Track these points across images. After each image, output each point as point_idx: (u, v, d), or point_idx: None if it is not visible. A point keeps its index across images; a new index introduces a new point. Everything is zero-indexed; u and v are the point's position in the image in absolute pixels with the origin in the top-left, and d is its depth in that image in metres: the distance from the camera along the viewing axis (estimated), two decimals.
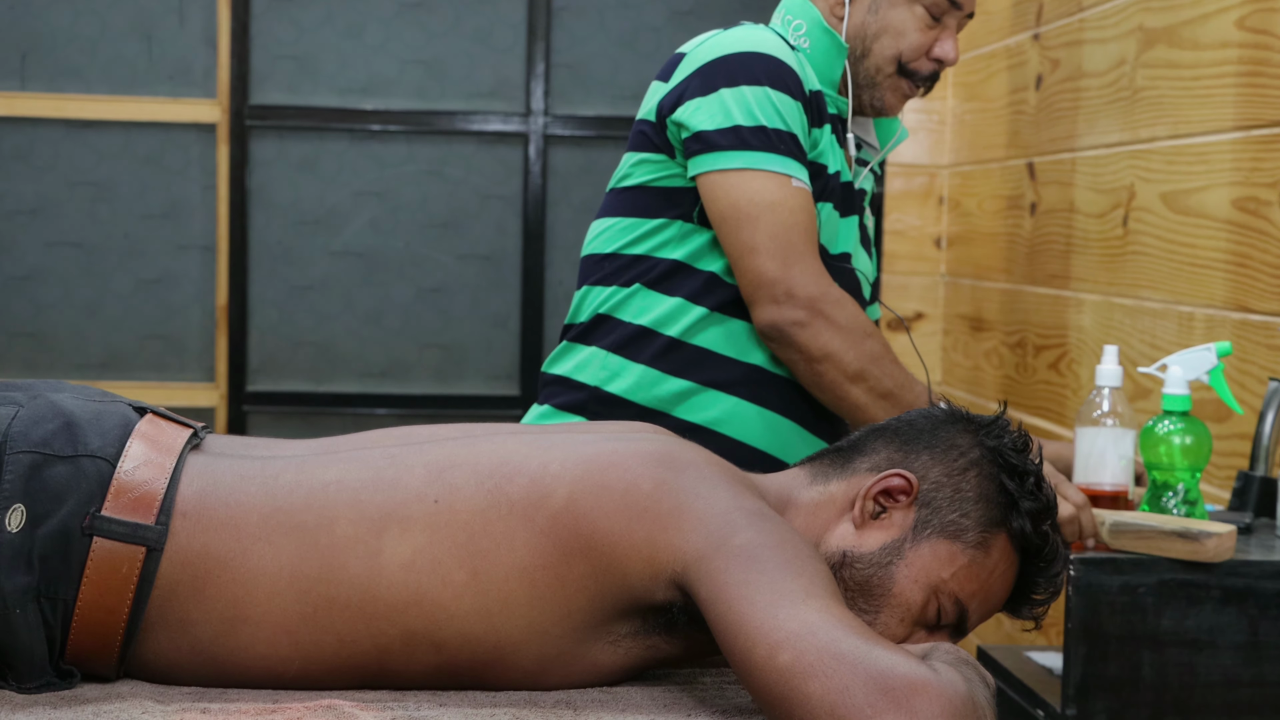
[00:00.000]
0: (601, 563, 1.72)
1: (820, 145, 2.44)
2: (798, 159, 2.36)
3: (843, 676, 1.51)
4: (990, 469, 1.83)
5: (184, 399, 4.99)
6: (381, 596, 1.72)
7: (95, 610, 1.70)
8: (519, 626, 1.73)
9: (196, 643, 1.73)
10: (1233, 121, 2.76)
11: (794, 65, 2.41)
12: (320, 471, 1.80)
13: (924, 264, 4.36)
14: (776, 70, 2.38)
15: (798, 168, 2.36)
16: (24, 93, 4.99)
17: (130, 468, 1.74)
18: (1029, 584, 1.86)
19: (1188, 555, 2.10)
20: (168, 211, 5.04)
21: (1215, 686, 2.11)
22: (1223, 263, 2.77)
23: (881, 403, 2.34)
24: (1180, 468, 2.23)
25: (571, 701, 1.72)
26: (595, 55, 5.15)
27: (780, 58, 2.40)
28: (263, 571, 1.73)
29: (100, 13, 5.00)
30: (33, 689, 1.69)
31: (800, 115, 2.38)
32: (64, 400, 1.81)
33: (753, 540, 1.67)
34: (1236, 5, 2.75)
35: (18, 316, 5.02)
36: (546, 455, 1.78)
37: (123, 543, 1.71)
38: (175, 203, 5.03)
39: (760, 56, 2.39)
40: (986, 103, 4.05)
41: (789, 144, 2.35)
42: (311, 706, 1.64)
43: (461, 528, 1.74)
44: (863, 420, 2.33)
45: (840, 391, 2.35)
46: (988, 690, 1.63)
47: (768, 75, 2.37)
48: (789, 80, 2.38)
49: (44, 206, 5.02)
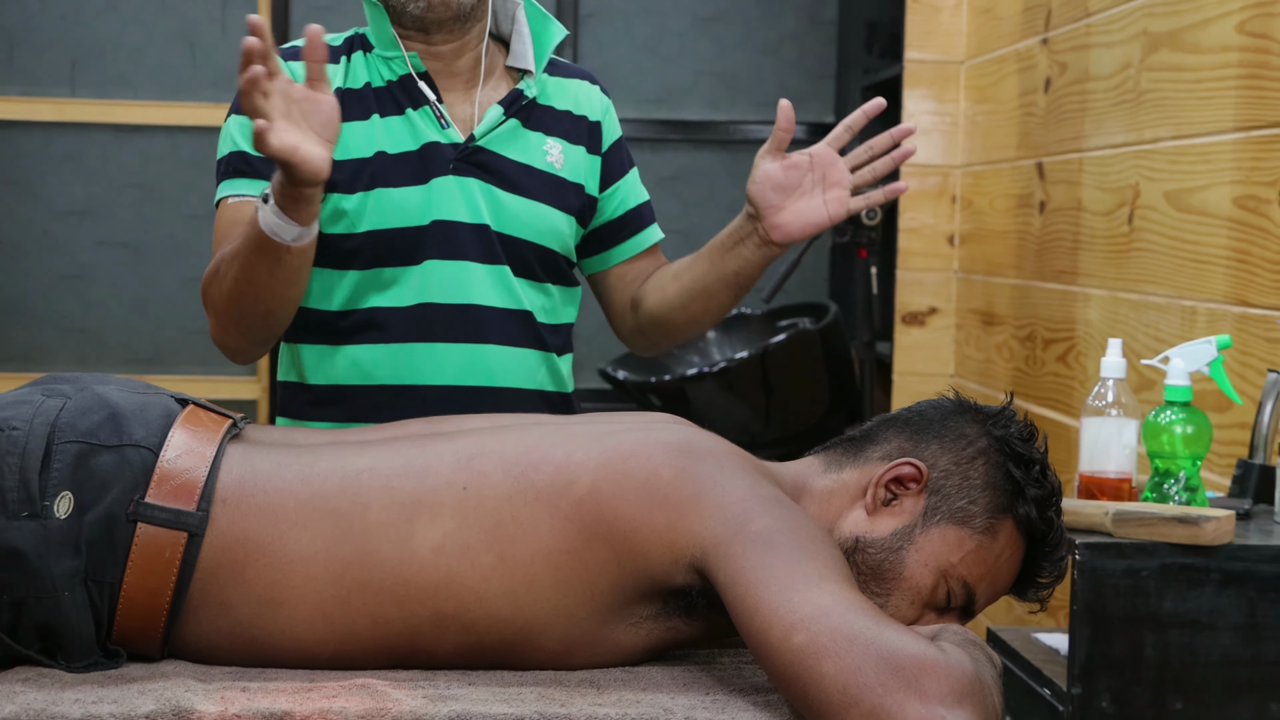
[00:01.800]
0: (623, 547, 1.72)
1: (355, 134, 2.32)
2: (246, 174, 2.30)
3: (855, 656, 1.52)
4: (997, 457, 1.83)
5: (226, 391, 5.00)
6: (413, 579, 1.73)
7: (140, 593, 1.71)
8: (544, 608, 1.73)
9: (236, 624, 1.74)
10: (1233, 122, 2.75)
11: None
12: (354, 459, 1.80)
13: (937, 260, 4.35)
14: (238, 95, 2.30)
15: (241, 183, 2.31)
16: (74, 99, 5.01)
17: (172, 456, 1.75)
18: (1035, 568, 1.86)
19: (1188, 540, 2.09)
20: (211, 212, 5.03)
21: (1215, 666, 2.11)
22: (1224, 259, 2.76)
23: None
24: (1182, 456, 2.22)
25: (595, 681, 1.72)
26: (621, 60, 5.16)
27: None
28: (299, 556, 1.73)
29: (146, 22, 5.02)
30: (81, 668, 1.70)
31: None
32: (109, 392, 1.82)
33: (769, 526, 1.67)
34: (1237, 10, 2.75)
35: (69, 313, 5.05)
36: (571, 444, 1.79)
37: (165, 528, 1.72)
38: None
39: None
40: (997, 105, 4.04)
41: (239, 163, 2.31)
42: (346, 685, 1.65)
43: (489, 513, 1.74)
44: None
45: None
46: (994, 670, 1.64)
47: (233, 105, 2.34)
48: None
49: (93, 208, 5.04)
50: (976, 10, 4.24)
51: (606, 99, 2.50)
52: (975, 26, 4.25)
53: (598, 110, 2.47)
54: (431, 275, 2.31)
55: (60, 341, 5.05)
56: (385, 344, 2.31)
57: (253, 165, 2.29)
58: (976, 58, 4.23)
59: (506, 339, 2.34)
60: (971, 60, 4.27)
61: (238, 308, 2.16)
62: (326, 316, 2.34)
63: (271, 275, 2.09)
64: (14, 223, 5.01)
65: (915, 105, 4.34)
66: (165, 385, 1.99)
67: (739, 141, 5.22)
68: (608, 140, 2.47)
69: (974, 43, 4.26)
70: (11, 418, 1.75)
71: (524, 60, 2.40)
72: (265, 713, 1.58)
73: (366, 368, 2.32)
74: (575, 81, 2.47)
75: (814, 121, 5.20)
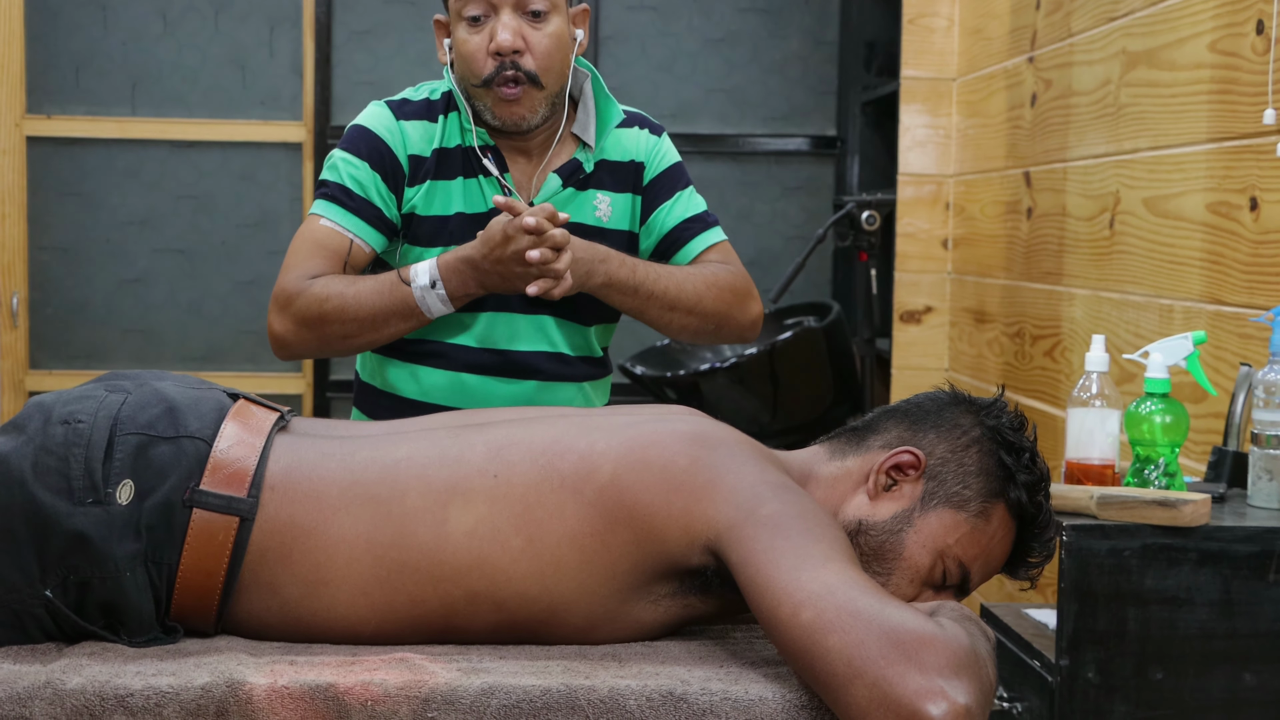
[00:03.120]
0: (643, 531, 1.72)
1: (421, 196, 2.39)
2: (346, 208, 2.36)
3: (858, 631, 1.51)
4: (990, 446, 1.82)
5: (274, 387, 5.01)
6: (447, 561, 1.72)
7: (195, 574, 1.71)
8: (570, 588, 1.72)
9: (284, 604, 1.73)
10: (1206, 134, 2.74)
11: (382, 134, 2.39)
12: (392, 449, 1.80)
13: (932, 263, 4.34)
14: (356, 136, 2.40)
15: (338, 212, 2.36)
16: (134, 117, 5.02)
17: (225, 447, 1.75)
18: (1025, 548, 1.85)
19: (1167, 521, 2.08)
20: (260, 221, 5.06)
21: (1193, 639, 2.10)
22: (1199, 261, 2.75)
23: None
24: (1161, 444, 2.21)
25: (617, 654, 1.71)
26: (638, 78, 5.15)
27: (365, 126, 2.40)
28: (342, 539, 1.73)
29: (200, 46, 5.02)
30: (141, 643, 1.70)
31: (370, 173, 2.37)
32: (166, 388, 1.81)
33: (778, 511, 1.66)
34: (1209, 30, 2.73)
35: (128, 315, 5.05)
36: (593, 435, 1.78)
37: (219, 513, 1.71)
38: (266, 213, 5.05)
39: (352, 126, 2.42)
40: (987, 119, 4.03)
41: (341, 196, 2.37)
42: (386, 659, 1.64)
43: (518, 499, 1.73)
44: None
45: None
46: (988, 643, 1.63)
47: (343, 140, 2.41)
48: (364, 145, 2.39)
49: (152, 218, 5.05)
50: (967, 31, 4.23)
51: (653, 137, 2.52)
52: (966, 46, 4.24)
53: (642, 152, 2.50)
54: (485, 322, 2.40)
55: (121, 341, 5.05)
56: (447, 370, 2.41)
57: (354, 201, 2.37)
58: (968, 75, 4.21)
59: (548, 376, 2.44)
60: (963, 77, 4.26)
61: (340, 338, 2.33)
62: (400, 342, 2.43)
63: (397, 331, 2.34)
64: (79, 232, 5.02)
65: (911, 119, 4.33)
66: (217, 381, 1.99)
67: (747, 153, 5.21)
68: (650, 175, 2.50)
69: (965, 61, 4.24)
70: (77, 411, 1.74)
71: (585, 133, 2.45)
72: (311, 684, 1.57)
73: (427, 386, 2.42)
74: (626, 131, 2.50)
75: (816, 134, 5.19)
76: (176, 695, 1.56)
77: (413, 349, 2.43)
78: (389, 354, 2.45)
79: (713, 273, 2.45)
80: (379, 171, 2.37)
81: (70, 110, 4.99)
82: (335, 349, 2.36)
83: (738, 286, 2.46)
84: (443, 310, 2.31)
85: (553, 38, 2.36)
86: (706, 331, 2.47)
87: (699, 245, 2.49)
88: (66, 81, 4.98)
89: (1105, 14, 3.22)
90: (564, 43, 2.39)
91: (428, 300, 2.29)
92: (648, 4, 5.13)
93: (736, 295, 2.46)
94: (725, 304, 2.44)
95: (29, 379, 4.96)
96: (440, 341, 2.42)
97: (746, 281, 2.49)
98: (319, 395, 5.00)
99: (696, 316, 2.42)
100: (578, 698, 1.57)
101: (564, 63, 2.40)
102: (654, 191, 2.50)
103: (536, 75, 2.36)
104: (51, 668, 1.61)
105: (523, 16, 2.35)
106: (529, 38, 2.35)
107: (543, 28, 2.36)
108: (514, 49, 2.34)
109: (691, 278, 2.42)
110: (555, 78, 2.38)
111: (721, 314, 2.44)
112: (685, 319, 2.42)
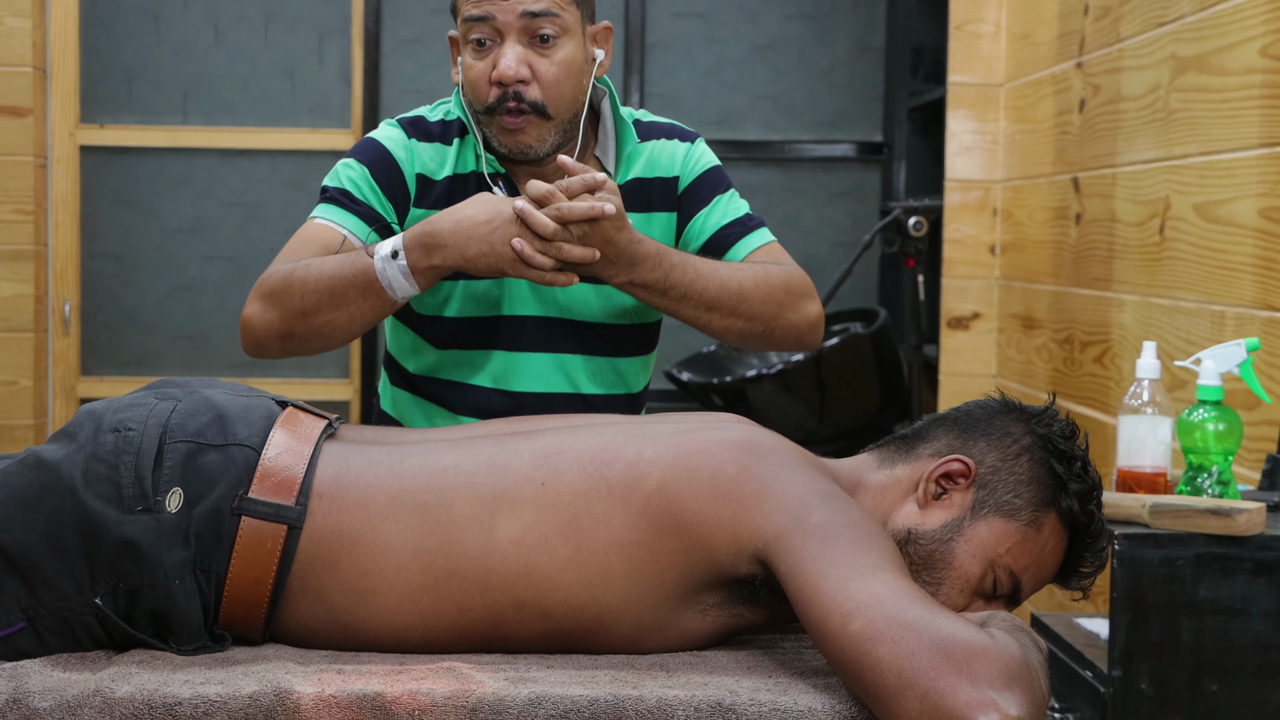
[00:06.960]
0: (691, 539, 1.70)
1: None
2: (343, 207, 2.25)
3: (909, 642, 1.49)
4: (1041, 454, 1.80)
5: (322, 394, 5.02)
6: (495, 569, 1.71)
7: (243, 581, 1.70)
8: (617, 597, 1.71)
9: (331, 611, 1.72)
10: (1258, 139, 2.71)
11: (389, 147, 2.29)
12: (440, 457, 1.79)
13: (980, 269, 4.31)
14: (361, 146, 2.31)
15: (334, 211, 2.25)
16: (185, 126, 5.04)
17: (273, 455, 1.74)
18: (1077, 558, 1.82)
19: (1221, 530, 2.05)
20: None
21: (1248, 650, 2.06)
22: (1250, 266, 2.72)
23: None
24: (1214, 452, 2.18)
25: (665, 664, 1.70)
26: (684, 86, 5.14)
27: (373, 138, 2.31)
28: (389, 547, 1.72)
29: (250, 56, 5.04)
30: (190, 651, 1.70)
31: (369, 179, 2.27)
32: (215, 395, 1.81)
33: (827, 519, 1.64)
34: (1260, 35, 2.70)
35: (179, 322, 5.07)
36: (641, 443, 1.76)
37: (267, 521, 1.71)
38: None
39: (360, 140, 2.34)
40: (1035, 124, 4.00)
41: (340, 198, 2.27)
42: (434, 668, 1.63)
43: (565, 508, 1.72)
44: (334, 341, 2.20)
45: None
46: (1040, 654, 1.60)
47: (353, 151, 2.31)
48: (368, 153, 2.29)
49: (202, 225, 5.07)
50: (1015, 36, 4.20)
51: (684, 145, 2.38)
52: (1013, 51, 4.21)
53: (676, 165, 2.36)
54: (498, 363, 2.29)
55: (171, 347, 5.07)
56: (451, 414, 2.31)
57: (354, 202, 2.26)
58: (1015, 80, 4.19)
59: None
60: (1010, 83, 4.23)
61: (298, 314, 2.12)
62: (412, 378, 2.35)
63: (359, 311, 2.11)
64: (130, 239, 5.04)
65: (958, 125, 4.30)
66: (266, 388, 1.98)
67: (794, 160, 5.19)
68: (684, 184, 2.36)
69: (1012, 66, 4.22)
70: (127, 419, 1.74)
71: (606, 158, 2.34)
72: (359, 694, 1.56)
73: (440, 422, 2.32)
74: (654, 144, 2.36)
75: (863, 140, 5.17)
76: (224, 704, 1.56)
77: (421, 385, 2.33)
78: (404, 387, 2.36)
79: (763, 271, 2.26)
80: (379, 180, 2.27)
81: (123, 120, 5.01)
82: (296, 332, 2.13)
83: (792, 285, 2.26)
84: (406, 288, 2.08)
85: (562, 65, 2.23)
86: (755, 334, 2.27)
87: (742, 250, 2.32)
88: (119, 91, 5.01)
89: (1154, 19, 3.19)
90: (575, 69, 2.25)
91: (389, 273, 2.06)
92: (694, 10, 5.12)
93: (790, 294, 2.25)
94: (775, 304, 2.24)
95: (80, 385, 4.99)
96: (451, 381, 2.31)
97: (802, 280, 2.29)
98: (366, 402, 5.01)
99: (741, 318, 2.22)
100: (625, 708, 1.56)
101: (576, 89, 2.26)
102: (690, 200, 2.35)
103: (543, 106, 2.23)
104: (100, 676, 1.60)
105: (530, 42, 2.22)
106: (535, 66, 2.22)
107: (551, 54, 2.23)
108: (517, 79, 2.21)
109: (736, 276, 2.23)
110: (566, 106, 2.25)
111: (771, 315, 2.24)
112: (727, 320, 2.22)
